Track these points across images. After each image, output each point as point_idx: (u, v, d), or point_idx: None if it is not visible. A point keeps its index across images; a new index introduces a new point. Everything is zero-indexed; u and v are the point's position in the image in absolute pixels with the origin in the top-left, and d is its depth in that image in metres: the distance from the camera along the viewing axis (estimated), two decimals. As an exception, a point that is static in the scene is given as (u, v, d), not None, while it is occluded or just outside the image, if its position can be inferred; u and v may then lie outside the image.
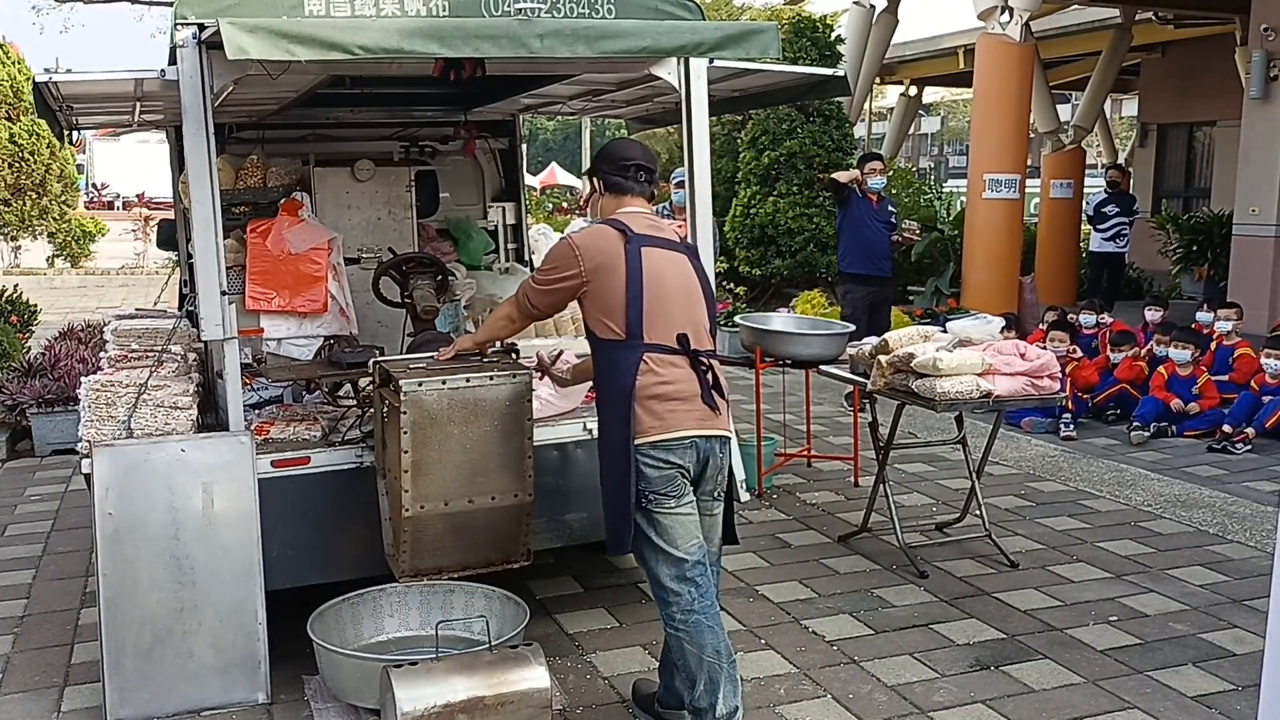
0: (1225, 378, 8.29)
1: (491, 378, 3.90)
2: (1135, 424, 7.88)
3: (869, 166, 9.01)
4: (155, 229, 7.96)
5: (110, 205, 33.98)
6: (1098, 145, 22.72)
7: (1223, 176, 16.50)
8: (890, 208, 9.19)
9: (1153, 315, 9.36)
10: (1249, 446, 7.56)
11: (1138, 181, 19.20)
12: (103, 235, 21.47)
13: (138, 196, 30.78)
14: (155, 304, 8.08)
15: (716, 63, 4.53)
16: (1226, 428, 7.71)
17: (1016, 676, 4.27)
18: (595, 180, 3.88)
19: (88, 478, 3.99)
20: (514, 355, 4.18)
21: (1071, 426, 8.03)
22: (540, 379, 4.28)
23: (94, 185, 35.70)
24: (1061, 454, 7.57)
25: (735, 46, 4.00)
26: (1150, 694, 4.12)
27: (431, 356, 4.02)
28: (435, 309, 4.81)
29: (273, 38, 3.34)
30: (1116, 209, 13.35)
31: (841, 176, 8.94)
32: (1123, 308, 11.98)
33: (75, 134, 6.25)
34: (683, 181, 5.26)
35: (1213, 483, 6.88)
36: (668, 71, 4.49)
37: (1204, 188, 18.09)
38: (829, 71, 5.31)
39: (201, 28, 3.74)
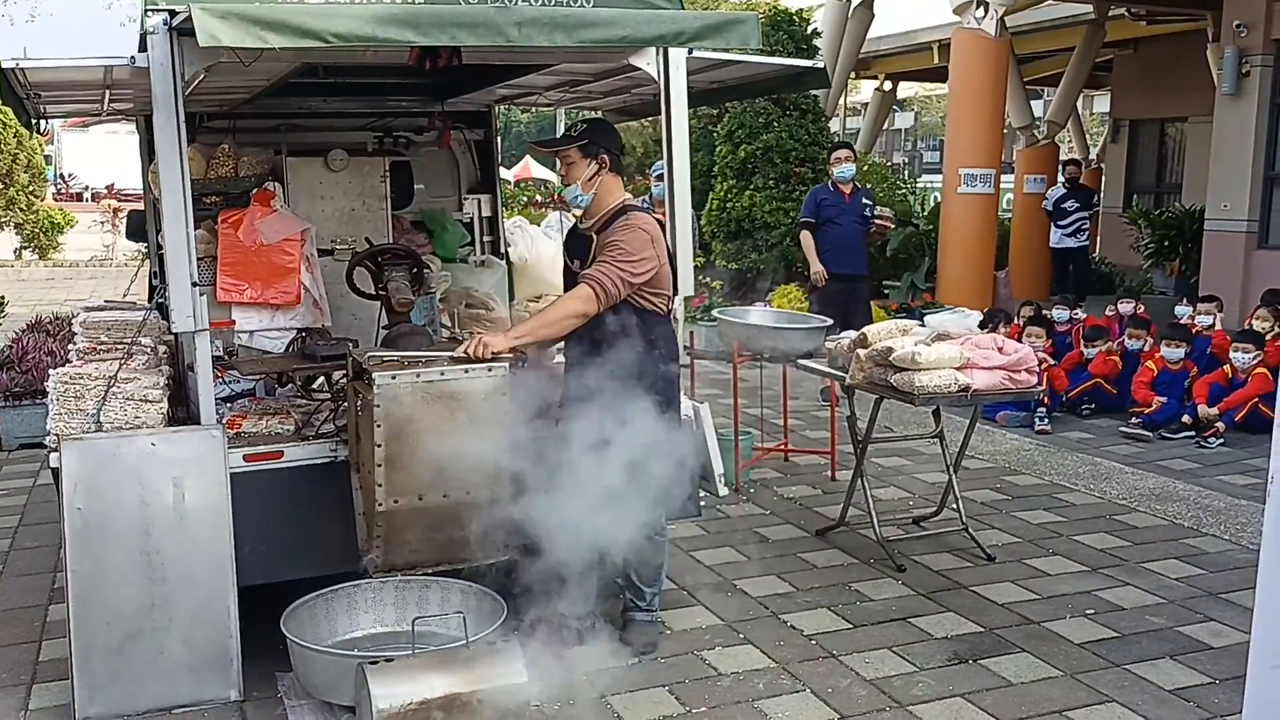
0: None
1: (467, 371, 3.85)
2: (1137, 420, 7.93)
3: (835, 155, 8.66)
4: (125, 220, 7.85)
5: (79, 196, 33.58)
6: (1070, 141, 22.83)
7: (1194, 172, 16.60)
8: (865, 200, 8.70)
9: (1126, 308, 9.41)
10: (1221, 440, 7.61)
11: (1110, 177, 19.32)
12: (71, 227, 21.24)
13: (107, 188, 30.43)
14: (125, 296, 7.97)
15: (695, 54, 4.49)
16: (1186, 418, 7.79)
17: (994, 670, 4.27)
18: (603, 156, 4.19)
19: (56, 472, 3.92)
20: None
21: (1046, 420, 8.06)
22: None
23: (62, 176, 35.29)
24: (1036, 448, 7.60)
25: (715, 37, 3.95)
26: (1128, 687, 4.12)
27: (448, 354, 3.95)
28: (410, 302, 4.74)
29: (245, 24, 3.28)
30: (1077, 204, 13.41)
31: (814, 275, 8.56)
32: (1093, 302, 12.04)
33: (44, 123, 6.14)
34: (663, 174, 5.22)
35: (1187, 476, 6.92)
36: (646, 62, 4.45)
37: (1175, 183, 18.20)
38: (808, 63, 5.29)
39: (173, 14, 3.67)
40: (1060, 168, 14.47)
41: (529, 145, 6.10)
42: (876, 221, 8.70)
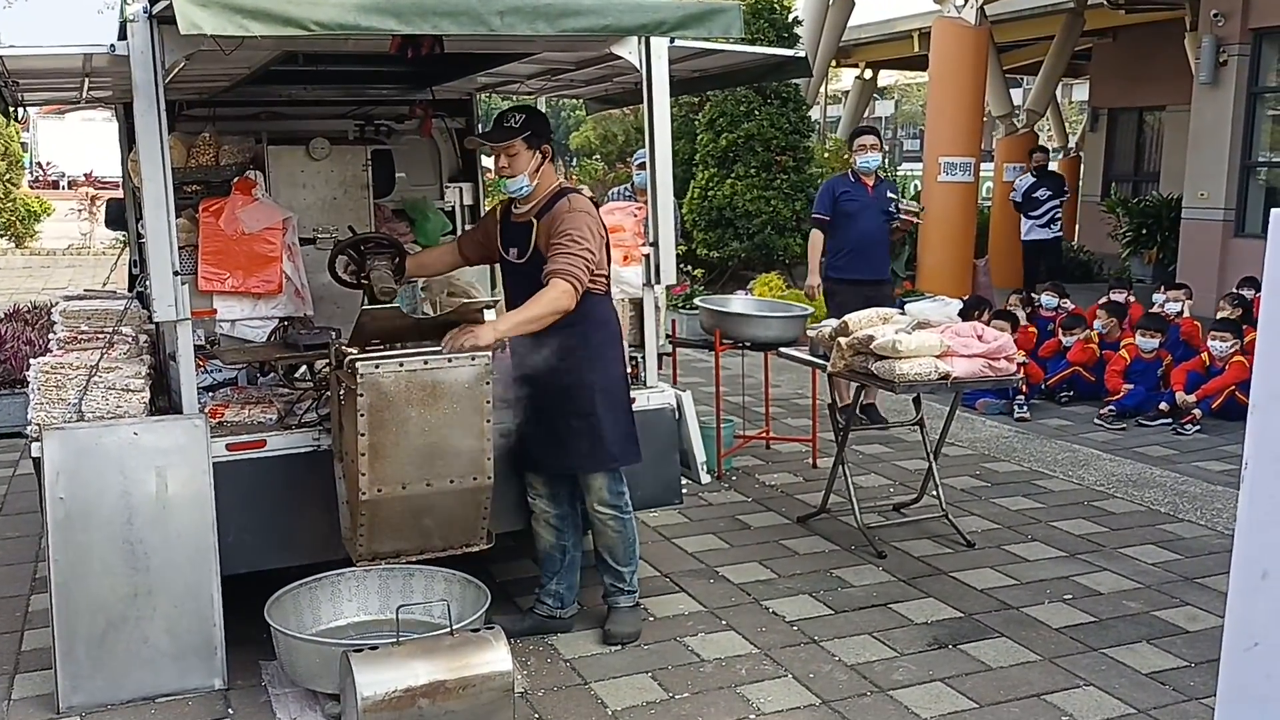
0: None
1: (450, 360, 3.86)
2: (1111, 408, 7.99)
3: (859, 142, 7.46)
4: (104, 208, 7.80)
5: (55, 184, 33.33)
6: (1048, 129, 22.94)
7: (1172, 161, 16.72)
8: (890, 193, 7.45)
9: (1119, 299, 9.50)
10: (1198, 427, 7.68)
11: (1088, 165, 19.43)
12: (48, 215, 21.07)
13: (84, 175, 30.20)
14: (104, 285, 7.93)
15: (677, 43, 4.50)
16: (1164, 405, 7.85)
17: (974, 655, 4.31)
18: (545, 147, 4.24)
19: (37, 462, 3.90)
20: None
21: (1025, 408, 8.12)
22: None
23: (39, 164, 35.01)
24: (1015, 435, 7.65)
25: (697, 26, 3.97)
26: (1105, 671, 4.18)
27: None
28: (393, 290, 4.73)
29: (227, 13, 3.27)
30: (1049, 192, 12.70)
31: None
32: (1073, 290, 12.10)
33: (21, 111, 6.09)
34: (644, 163, 5.23)
35: (1164, 462, 6.99)
36: (628, 51, 4.46)
37: (1153, 172, 18.33)
38: (790, 52, 5.30)
39: (153, 1, 3.66)
40: (1028, 156, 14.15)
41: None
42: (903, 216, 7.41)
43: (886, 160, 28.89)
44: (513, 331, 4.02)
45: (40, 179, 33.52)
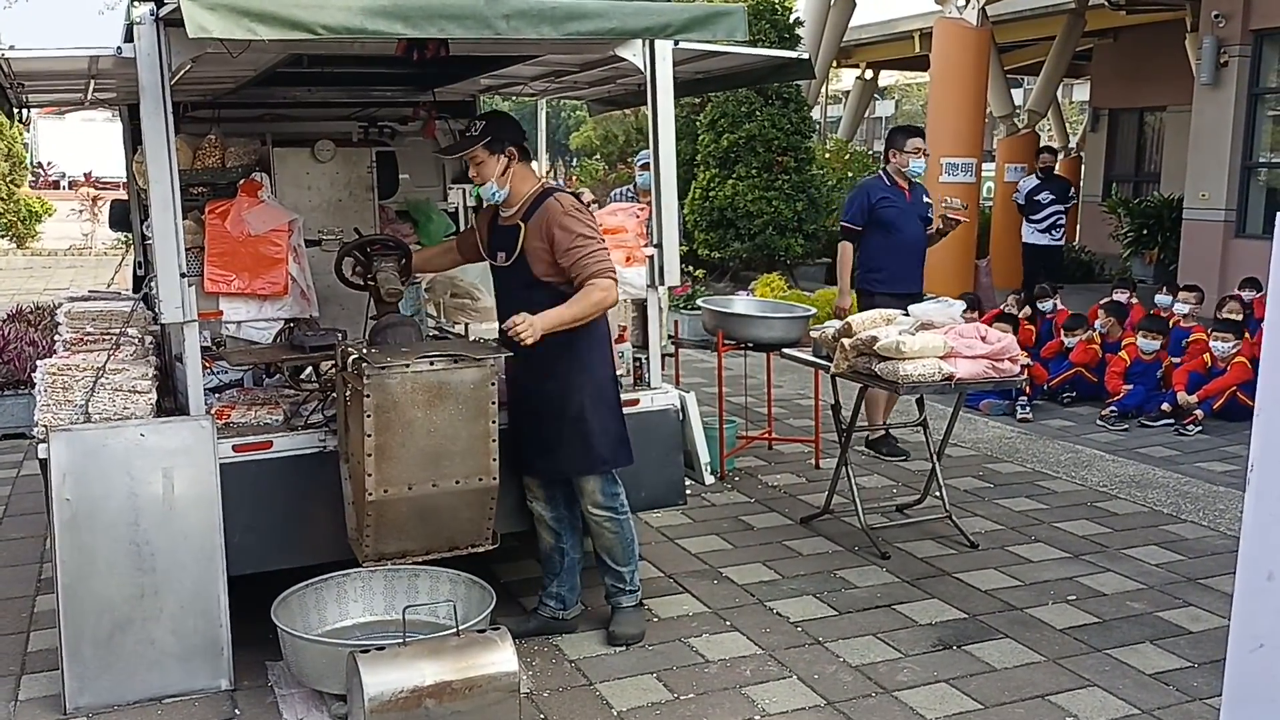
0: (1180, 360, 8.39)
1: (456, 361, 3.87)
2: (1112, 408, 7.99)
3: (912, 144, 6.70)
4: (108, 209, 7.81)
5: (56, 185, 33.35)
6: (1049, 130, 22.96)
7: (1173, 161, 16.75)
8: (925, 198, 6.92)
9: (1121, 298, 9.51)
10: (1200, 428, 7.69)
11: (1089, 166, 19.45)
12: (49, 215, 21.09)
13: (85, 175, 30.21)
14: (108, 286, 7.94)
15: (681, 45, 4.52)
16: (1165, 405, 7.85)
17: (978, 655, 4.32)
18: (510, 149, 4.17)
19: (43, 463, 3.91)
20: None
21: (1027, 409, 8.13)
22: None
23: (40, 164, 35.04)
24: (1018, 436, 7.66)
25: (702, 28, 3.98)
26: (1109, 672, 4.18)
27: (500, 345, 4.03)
28: (399, 291, 4.75)
29: (234, 16, 3.28)
30: (1051, 196, 11.97)
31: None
32: (1074, 291, 12.11)
33: (25, 112, 6.10)
34: (647, 164, 5.24)
35: (1166, 463, 7.00)
36: (632, 53, 4.46)
37: (1154, 172, 18.35)
38: (793, 54, 5.31)
39: (160, 4, 3.67)
40: (1035, 156, 13.98)
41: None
42: (951, 215, 6.83)
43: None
44: (556, 326, 4.01)
45: (41, 179, 33.54)
